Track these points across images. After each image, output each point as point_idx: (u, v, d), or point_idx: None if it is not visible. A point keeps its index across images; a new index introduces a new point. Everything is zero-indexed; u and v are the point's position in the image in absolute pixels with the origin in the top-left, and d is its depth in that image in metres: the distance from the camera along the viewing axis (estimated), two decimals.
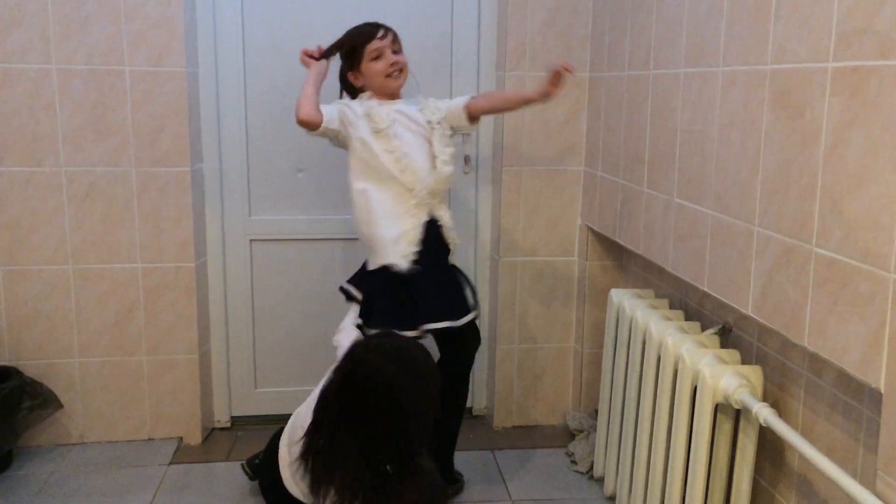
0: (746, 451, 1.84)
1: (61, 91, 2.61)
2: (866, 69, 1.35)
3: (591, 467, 2.63)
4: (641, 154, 2.30)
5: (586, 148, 2.82)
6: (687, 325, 2.13)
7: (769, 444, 1.89)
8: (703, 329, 2.12)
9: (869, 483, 1.43)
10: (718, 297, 1.85)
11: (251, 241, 2.95)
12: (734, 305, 1.78)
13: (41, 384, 2.70)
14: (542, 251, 2.90)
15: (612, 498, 2.44)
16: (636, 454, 2.22)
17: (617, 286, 2.72)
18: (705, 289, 1.91)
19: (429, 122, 2.36)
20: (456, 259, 3.08)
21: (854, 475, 1.55)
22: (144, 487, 2.54)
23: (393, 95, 2.37)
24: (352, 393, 1.77)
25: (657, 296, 2.43)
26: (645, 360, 2.16)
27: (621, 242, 2.51)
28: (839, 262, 1.42)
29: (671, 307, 2.33)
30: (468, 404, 3.12)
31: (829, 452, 1.62)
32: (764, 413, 1.70)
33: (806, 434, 1.72)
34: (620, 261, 2.86)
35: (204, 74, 2.80)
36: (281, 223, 2.95)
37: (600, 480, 2.55)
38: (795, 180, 1.55)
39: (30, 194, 2.66)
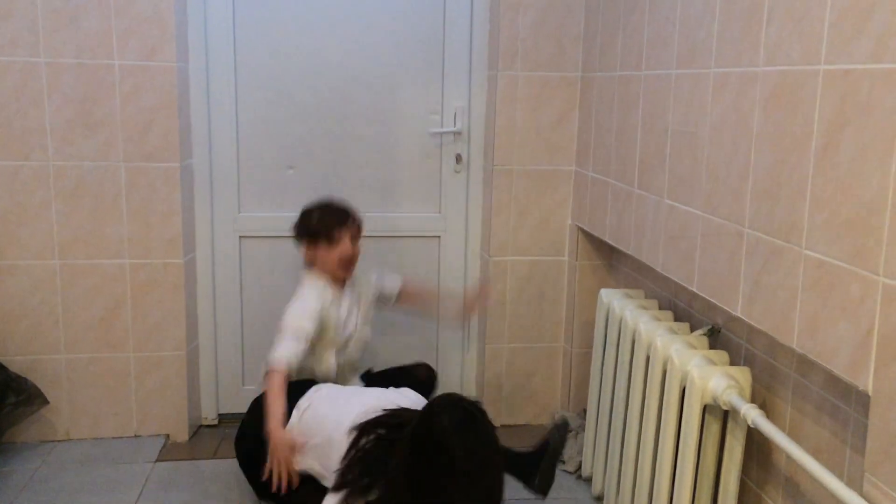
0: (734, 451, 1.85)
1: (50, 85, 2.58)
2: (858, 72, 1.36)
3: (580, 467, 2.64)
4: (632, 155, 2.30)
5: (577, 148, 2.83)
6: (676, 325, 2.14)
7: (757, 446, 1.89)
8: (693, 330, 2.12)
9: (856, 485, 1.44)
10: (708, 298, 1.86)
11: (240, 237, 2.93)
12: (723, 307, 1.79)
13: (26, 380, 2.67)
14: (533, 251, 2.90)
15: (600, 498, 2.44)
16: (624, 454, 2.22)
17: (607, 286, 2.72)
18: (695, 290, 1.92)
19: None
20: (447, 259, 3.11)
21: (841, 477, 1.55)
22: (131, 484, 2.53)
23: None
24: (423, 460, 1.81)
25: (647, 296, 2.44)
26: (634, 361, 2.16)
27: (611, 243, 2.51)
28: (829, 265, 1.43)
29: (661, 308, 2.33)
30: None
31: (817, 454, 1.62)
32: (752, 414, 1.70)
33: (793, 435, 1.72)
34: (610, 261, 2.87)
35: (194, 69, 2.78)
36: (270, 220, 2.93)
37: (588, 480, 2.56)
38: (786, 182, 1.55)
39: (17, 188, 2.64)
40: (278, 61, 2.84)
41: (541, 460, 2.31)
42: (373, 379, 2.64)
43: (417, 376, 2.63)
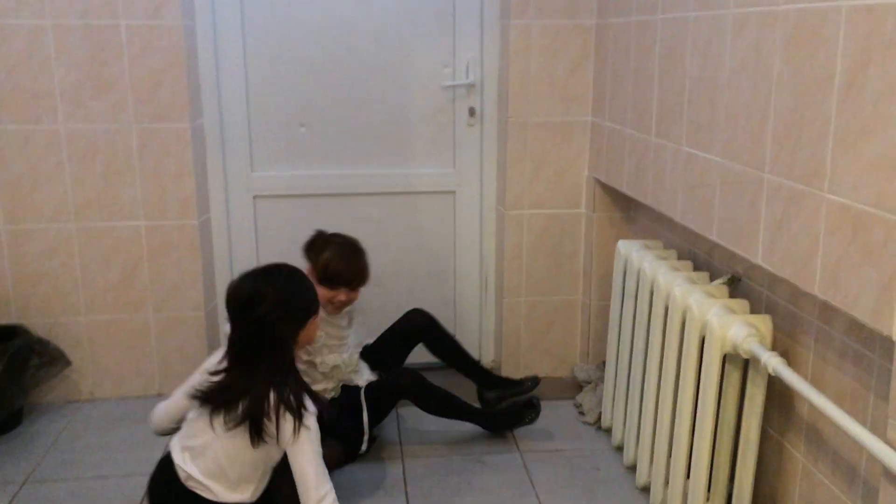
0: (755, 400, 1.83)
1: (57, 47, 2.56)
2: (882, 7, 1.30)
3: (599, 418, 2.64)
4: (650, 103, 2.25)
5: (593, 98, 2.77)
6: (695, 275, 2.11)
7: (778, 394, 1.88)
8: (712, 279, 2.10)
9: (880, 431, 1.42)
10: (727, 246, 1.83)
11: (254, 197, 2.92)
12: (743, 255, 1.76)
13: (48, 342, 2.70)
14: (549, 204, 2.87)
15: (620, 448, 2.45)
16: (644, 405, 2.21)
17: (624, 238, 2.69)
18: (714, 238, 1.89)
19: None
20: (462, 214, 3.08)
21: (864, 424, 1.53)
22: (155, 443, 2.56)
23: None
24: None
25: (665, 247, 2.40)
26: (653, 312, 2.14)
27: (629, 193, 2.47)
28: (852, 209, 1.39)
29: (679, 258, 2.30)
30: (476, 357, 3.12)
31: (840, 401, 1.61)
32: (773, 362, 1.69)
33: (816, 383, 1.70)
34: (628, 212, 2.83)
35: (201, 28, 2.74)
36: (284, 179, 2.92)
37: (608, 431, 2.56)
38: (808, 125, 1.51)
39: (30, 152, 2.63)
40: (286, 17, 2.79)
41: (511, 416, 2.58)
42: (373, 351, 2.62)
43: (412, 326, 2.62)
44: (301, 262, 3.08)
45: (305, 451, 1.77)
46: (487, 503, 2.26)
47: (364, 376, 2.50)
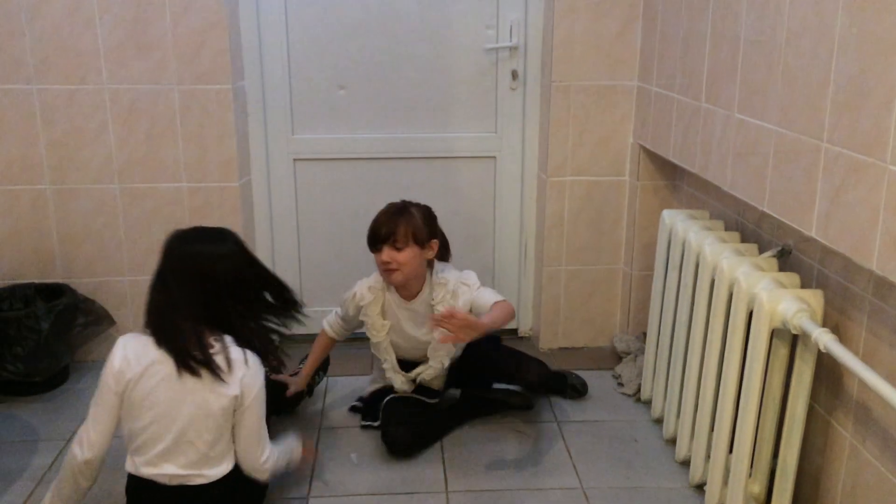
0: (803, 377, 1.78)
1: (100, 6, 2.55)
2: None
3: (639, 390, 2.61)
4: (700, 67, 2.17)
5: (640, 62, 2.69)
6: (743, 247, 2.05)
7: (826, 371, 1.82)
8: (761, 251, 2.03)
9: None
10: (779, 217, 1.76)
11: (294, 160, 2.91)
12: (796, 227, 1.69)
13: (93, 301, 2.75)
14: (592, 170, 2.81)
15: (660, 420, 2.42)
16: (686, 378, 2.17)
17: (669, 207, 2.62)
18: (765, 209, 1.82)
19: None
20: (503, 180, 3.03)
21: None
22: None
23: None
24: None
25: (712, 217, 2.34)
26: (698, 284, 2.09)
27: (676, 161, 2.40)
28: None
29: (726, 229, 2.24)
30: (514, 326, 3.10)
31: (893, 380, 1.55)
32: (824, 339, 1.63)
33: (868, 361, 1.64)
34: (673, 180, 2.76)
35: None
36: (324, 142, 2.90)
37: (647, 403, 2.53)
38: (871, 91, 1.43)
39: (74, 112, 2.65)
40: None
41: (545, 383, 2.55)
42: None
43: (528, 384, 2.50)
44: (341, 225, 3.08)
45: (255, 412, 1.83)
46: (524, 472, 2.25)
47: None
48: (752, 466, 1.91)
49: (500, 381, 2.52)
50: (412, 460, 2.29)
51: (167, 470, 1.81)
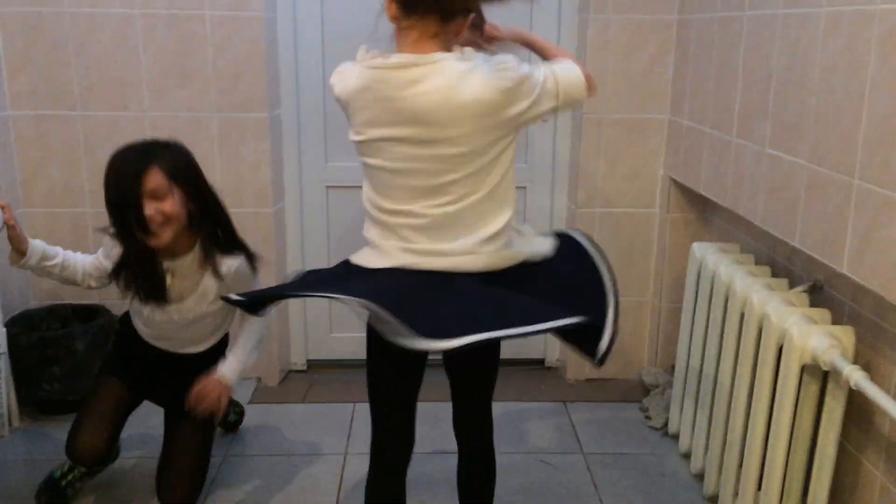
0: (833, 414, 1.77)
1: (145, 36, 2.64)
2: None
3: (666, 423, 2.59)
4: (732, 102, 2.19)
5: (672, 95, 2.71)
6: (774, 282, 2.04)
7: (857, 408, 1.80)
8: (792, 287, 2.03)
9: None
10: (810, 253, 1.76)
11: (327, 187, 2.96)
12: (827, 262, 1.69)
13: None
14: (622, 202, 2.82)
15: (687, 455, 2.39)
16: (714, 412, 2.16)
17: (699, 240, 2.62)
18: (796, 244, 1.82)
19: None
20: (533, 210, 3.03)
21: None
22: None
23: None
24: None
25: (742, 251, 2.34)
26: (727, 317, 2.09)
27: (706, 195, 2.41)
28: None
29: (757, 263, 2.23)
30: (541, 356, 3.11)
31: None
32: (855, 376, 1.62)
33: None
34: (703, 214, 2.76)
35: (282, 19, 2.79)
36: (356, 170, 2.93)
37: (675, 437, 2.51)
38: None
39: (116, 139, 2.71)
40: (363, 8, 2.80)
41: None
42: None
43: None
44: None
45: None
46: None
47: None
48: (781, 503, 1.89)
49: None
50: (435, 488, 2.30)
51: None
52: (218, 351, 2.20)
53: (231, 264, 2.03)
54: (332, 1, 2.80)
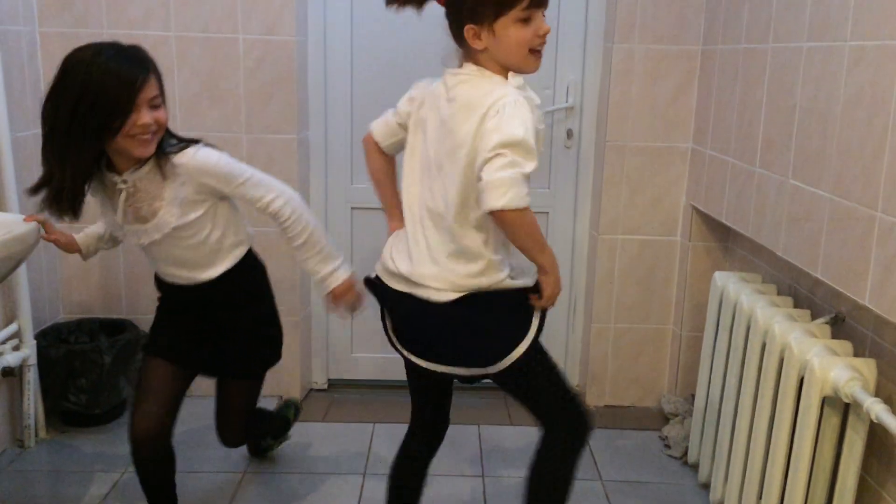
0: (854, 447, 1.76)
1: (179, 57, 2.71)
2: None
3: (686, 453, 2.58)
4: (755, 132, 2.20)
5: (695, 125, 2.73)
6: (796, 312, 2.04)
7: (879, 441, 1.79)
8: (814, 318, 2.02)
9: None
10: (832, 284, 1.76)
11: (352, 208, 3.00)
12: (849, 294, 1.69)
13: None
14: (644, 230, 2.83)
15: (707, 485, 2.38)
16: (734, 443, 2.15)
17: (721, 269, 2.62)
18: (818, 276, 1.82)
19: None
20: (555, 236, 3.05)
21: None
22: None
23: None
24: None
25: (764, 281, 2.34)
26: (748, 347, 2.09)
27: (728, 224, 2.42)
28: None
29: (779, 293, 2.23)
30: None
31: None
32: (876, 409, 1.61)
33: None
34: (726, 243, 2.76)
35: (312, 43, 2.85)
36: None
37: (695, 466, 2.50)
38: None
39: None
40: (392, 34, 2.87)
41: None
42: None
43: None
44: None
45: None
46: None
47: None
48: None
49: None
50: None
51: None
52: (241, 275, 2.06)
53: (188, 153, 1.86)
54: (362, 26, 2.86)
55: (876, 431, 1.76)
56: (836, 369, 1.73)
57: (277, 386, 2.96)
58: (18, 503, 2.28)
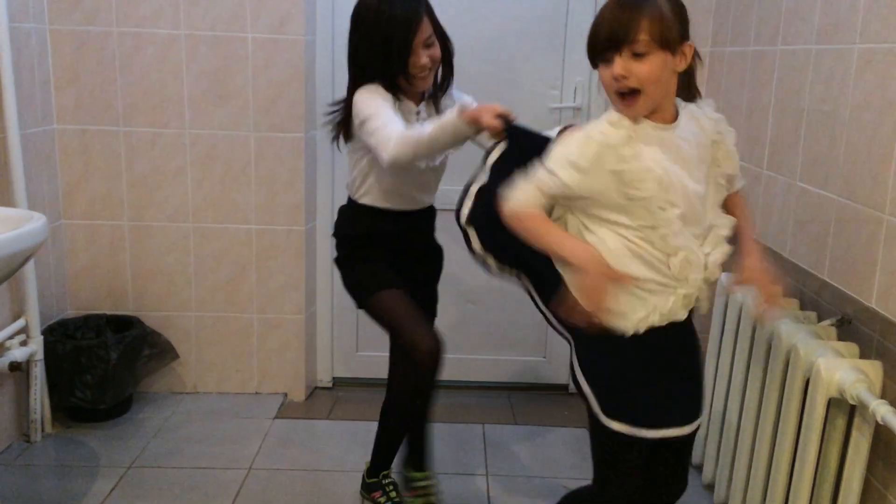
0: (860, 449, 1.76)
1: (188, 56, 2.72)
2: None
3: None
4: (763, 134, 2.20)
5: None
6: (802, 314, 2.04)
7: (884, 443, 1.79)
8: (820, 320, 2.03)
9: None
10: (839, 286, 1.77)
11: None
12: (855, 296, 1.69)
13: (160, 334, 2.86)
14: None
15: (711, 486, 2.38)
16: (739, 444, 2.15)
17: (726, 271, 2.62)
18: (825, 278, 1.83)
19: None
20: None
21: None
22: (251, 438, 2.67)
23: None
24: None
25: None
26: (754, 350, 2.09)
27: None
28: None
29: (785, 295, 2.23)
30: (565, 381, 3.11)
31: None
32: (882, 411, 1.61)
33: None
34: (731, 244, 2.75)
35: (321, 42, 2.85)
36: None
37: (699, 468, 2.50)
38: None
39: (156, 154, 2.80)
40: None
41: None
42: None
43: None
44: None
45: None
46: None
47: None
48: None
49: None
50: None
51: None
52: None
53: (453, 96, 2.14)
54: None
55: (881, 433, 1.76)
56: (842, 371, 1.73)
57: (282, 383, 2.97)
58: (24, 497, 2.30)
